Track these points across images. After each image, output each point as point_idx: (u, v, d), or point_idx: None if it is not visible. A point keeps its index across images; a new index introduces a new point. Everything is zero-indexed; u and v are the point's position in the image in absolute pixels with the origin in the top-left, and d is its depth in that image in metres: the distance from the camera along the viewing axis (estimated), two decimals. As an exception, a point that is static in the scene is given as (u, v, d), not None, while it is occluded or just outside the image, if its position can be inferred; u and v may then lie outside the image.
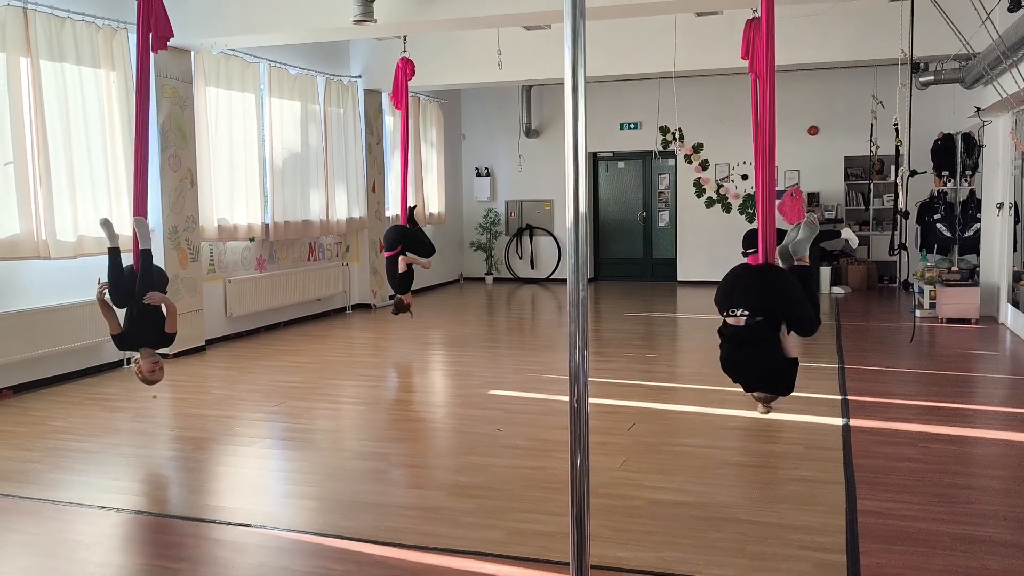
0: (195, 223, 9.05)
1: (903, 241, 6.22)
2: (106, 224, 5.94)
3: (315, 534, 4.24)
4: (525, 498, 4.68)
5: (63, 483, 5.02)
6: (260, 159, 10.12)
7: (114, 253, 5.83)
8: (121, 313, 5.84)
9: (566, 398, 6.49)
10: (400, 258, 8.69)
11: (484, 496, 4.71)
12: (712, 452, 5.52)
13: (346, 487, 4.94)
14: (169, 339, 5.89)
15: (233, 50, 9.46)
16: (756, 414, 6.24)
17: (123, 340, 5.83)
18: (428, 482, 5.03)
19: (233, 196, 9.73)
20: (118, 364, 8.27)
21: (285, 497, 4.90)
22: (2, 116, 7.08)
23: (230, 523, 4.39)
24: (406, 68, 8.53)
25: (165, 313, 5.85)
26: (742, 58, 5.54)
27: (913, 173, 6.82)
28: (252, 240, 10.18)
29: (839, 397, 6.72)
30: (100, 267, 7.94)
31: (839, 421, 6.05)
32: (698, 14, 9.90)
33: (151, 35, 5.44)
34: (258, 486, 5.17)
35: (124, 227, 8.11)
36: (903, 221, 6.83)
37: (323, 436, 6.07)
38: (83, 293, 7.81)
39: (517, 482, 4.94)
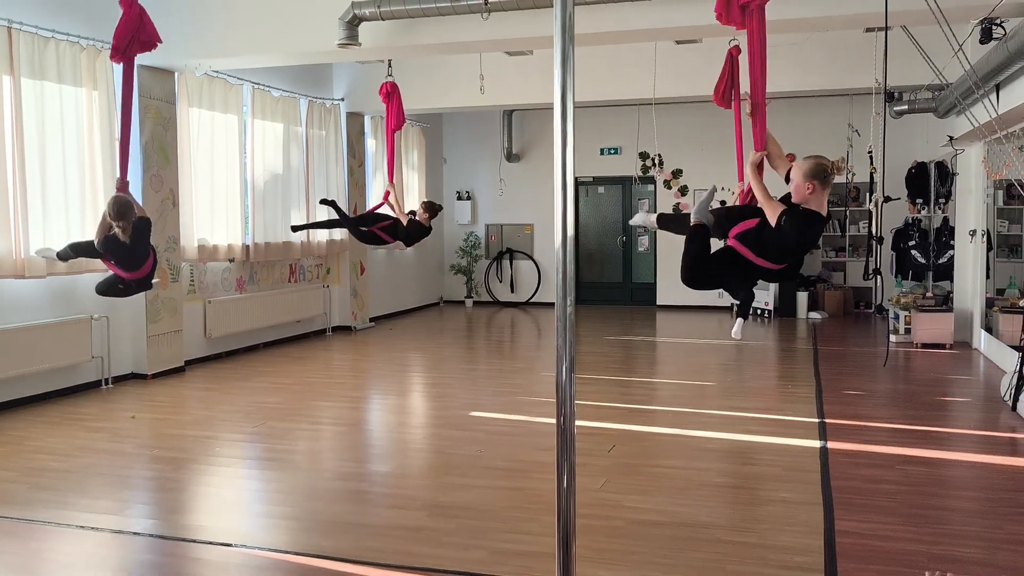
0: (176, 243, 9.03)
1: (877, 266, 6.30)
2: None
3: (296, 554, 4.23)
4: (506, 518, 4.69)
5: (42, 503, 4.98)
6: (242, 180, 10.13)
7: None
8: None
9: (546, 420, 6.47)
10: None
11: (465, 516, 4.72)
12: (691, 473, 5.56)
13: (326, 507, 4.94)
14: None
15: (217, 72, 9.49)
16: (735, 436, 6.31)
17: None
18: (409, 502, 5.02)
19: (214, 217, 9.73)
20: (96, 384, 8.21)
21: (265, 517, 4.89)
22: (-17, 134, 7.07)
23: (211, 543, 4.37)
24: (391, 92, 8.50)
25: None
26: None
27: (887, 199, 6.94)
28: (232, 261, 10.16)
29: (816, 420, 6.79)
30: (72, 286, 7.95)
31: (817, 443, 6.11)
32: (678, 42, 10.06)
33: (135, 41, 5.45)
34: (238, 506, 5.15)
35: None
36: (878, 247, 6.93)
37: (303, 457, 6.06)
38: (58, 312, 7.78)
39: (498, 502, 4.95)
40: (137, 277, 5.85)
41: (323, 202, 9.02)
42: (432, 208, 8.40)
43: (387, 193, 8.31)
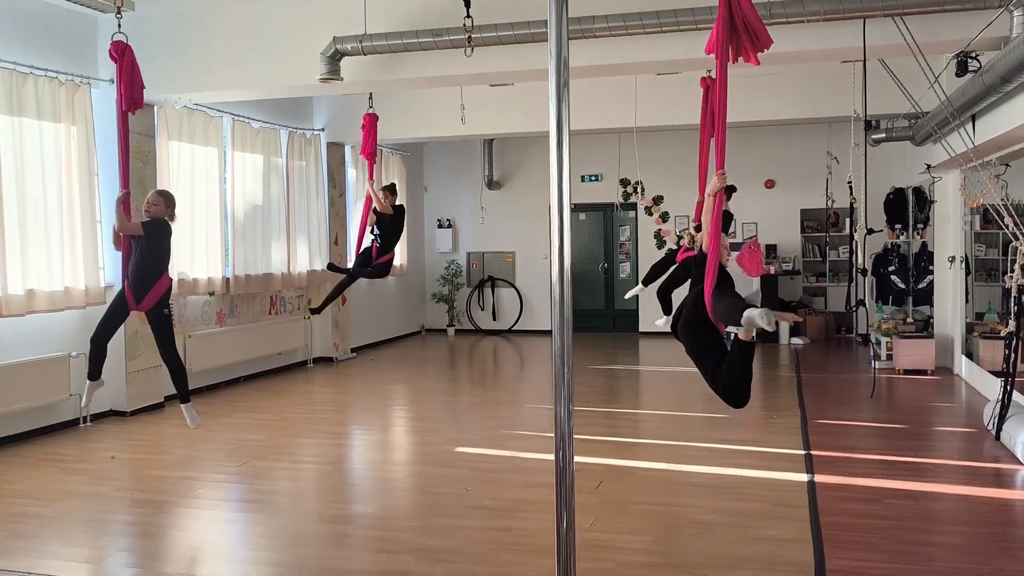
0: (155, 278, 8.92)
1: (861, 297, 6.34)
2: None
3: (282, 603, 4.16)
4: (495, 561, 4.64)
5: (20, 551, 4.87)
6: (222, 212, 10.06)
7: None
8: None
9: (532, 455, 6.37)
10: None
11: (454, 560, 4.66)
12: (679, 510, 5.52)
13: (312, 552, 4.86)
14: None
15: (196, 104, 9.44)
16: (721, 470, 6.29)
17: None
18: (396, 546, 4.95)
19: (194, 250, 9.63)
20: (73, 423, 8.08)
21: (250, 564, 4.80)
22: (-40, 172, 6.98)
23: (194, 593, 4.29)
24: (372, 124, 8.46)
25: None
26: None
27: (870, 231, 6.99)
28: (212, 294, 10.07)
29: (803, 452, 6.78)
30: (50, 324, 7.83)
31: (804, 477, 6.10)
32: (658, 73, 10.13)
33: (124, 97, 5.43)
34: (222, 552, 5.07)
35: (78, 281, 8.04)
36: (861, 278, 6.98)
37: (286, 498, 5.98)
38: (36, 350, 7.66)
39: (486, 545, 4.90)
40: (145, 305, 5.53)
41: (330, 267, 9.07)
42: (390, 188, 8.38)
43: (364, 216, 8.32)
